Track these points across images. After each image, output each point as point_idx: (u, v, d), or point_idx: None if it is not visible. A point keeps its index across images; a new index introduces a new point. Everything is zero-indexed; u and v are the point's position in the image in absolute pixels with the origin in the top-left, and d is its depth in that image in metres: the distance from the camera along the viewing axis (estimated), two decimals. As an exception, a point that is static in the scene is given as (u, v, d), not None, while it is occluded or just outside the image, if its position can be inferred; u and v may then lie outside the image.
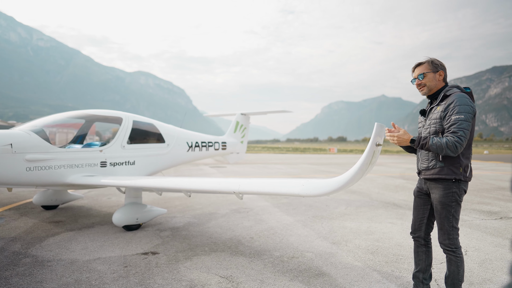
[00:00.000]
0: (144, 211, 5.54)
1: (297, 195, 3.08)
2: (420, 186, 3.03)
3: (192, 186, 4.08)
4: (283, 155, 39.72)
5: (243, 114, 10.15)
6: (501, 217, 6.61)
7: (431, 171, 2.83)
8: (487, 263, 4.07)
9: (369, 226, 5.84)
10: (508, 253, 4.45)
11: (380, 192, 9.72)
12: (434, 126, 2.81)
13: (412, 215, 3.14)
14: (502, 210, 7.32)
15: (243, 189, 3.46)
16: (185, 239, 4.96)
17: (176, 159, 7.36)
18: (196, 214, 6.68)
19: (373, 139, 3.10)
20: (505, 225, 5.95)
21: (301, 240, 4.95)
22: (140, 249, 4.49)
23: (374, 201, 8.25)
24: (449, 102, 2.72)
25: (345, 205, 7.75)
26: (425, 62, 2.94)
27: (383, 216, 6.61)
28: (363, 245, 4.75)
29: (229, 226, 5.73)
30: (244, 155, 10.17)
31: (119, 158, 5.97)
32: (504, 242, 4.92)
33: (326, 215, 6.68)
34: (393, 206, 7.63)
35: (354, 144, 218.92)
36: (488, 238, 5.14)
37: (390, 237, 5.13)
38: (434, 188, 2.84)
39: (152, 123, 6.82)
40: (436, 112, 2.83)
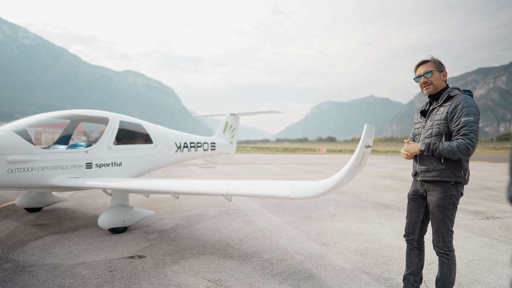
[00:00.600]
0: (131, 213, 5.43)
1: (286, 197, 3.03)
2: (415, 189, 2.99)
3: (180, 188, 4.00)
4: (273, 155, 39.74)
5: (233, 115, 10.08)
6: (488, 217, 6.69)
7: (431, 173, 2.77)
8: (475, 264, 4.09)
9: (358, 227, 5.84)
10: (495, 253, 4.49)
11: (369, 193, 9.77)
12: (437, 127, 2.74)
13: (405, 217, 3.12)
14: (488, 210, 7.41)
15: (232, 191, 3.40)
16: (172, 242, 4.87)
17: (164, 160, 7.25)
18: (185, 216, 6.59)
19: (362, 141, 3.08)
20: (491, 225, 6.02)
21: (290, 242, 4.91)
22: (126, 252, 4.39)
23: (363, 202, 8.28)
24: (456, 103, 2.66)
25: (334, 205, 7.75)
26: (430, 60, 2.86)
27: (372, 217, 6.62)
28: (352, 246, 4.74)
29: (218, 228, 5.66)
30: (233, 156, 10.10)
31: (105, 159, 5.84)
32: (491, 242, 4.96)
33: (315, 216, 6.66)
34: (382, 207, 7.66)
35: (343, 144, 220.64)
36: (475, 238, 5.19)
37: (379, 238, 5.13)
38: (432, 190, 2.79)
39: (139, 124, 6.70)
40: (439, 113, 2.75)
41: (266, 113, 10.10)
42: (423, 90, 2.90)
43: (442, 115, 2.72)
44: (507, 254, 4.43)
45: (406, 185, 11.75)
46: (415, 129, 3.05)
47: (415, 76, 2.95)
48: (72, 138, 7.03)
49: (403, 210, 7.30)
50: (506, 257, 4.32)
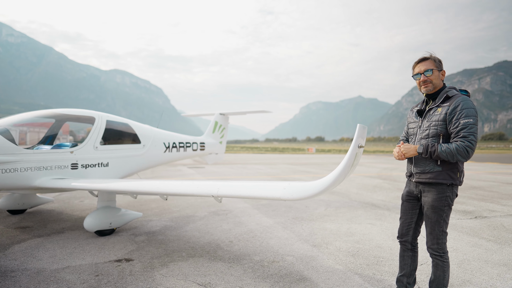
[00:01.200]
0: (118, 215, 5.30)
1: (278, 198, 2.97)
2: (410, 190, 2.95)
3: (169, 189, 3.90)
4: (262, 155, 39.71)
5: (222, 114, 9.98)
6: (476, 217, 6.75)
7: (427, 174, 2.72)
8: (465, 264, 4.10)
9: (349, 227, 5.82)
10: (485, 253, 4.51)
11: (358, 193, 9.79)
12: (434, 128, 2.68)
13: (399, 218, 3.08)
14: (476, 209, 7.49)
15: (222, 192, 3.32)
16: (161, 244, 4.76)
17: (153, 160, 7.11)
18: (173, 217, 6.47)
19: (355, 141, 3.03)
20: (480, 225, 6.07)
21: (281, 243, 4.86)
22: (113, 256, 4.27)
23: (353, 202, 8.28)
24: (455, 104, 2.60)
25: (324, 206, 7.72)
26: (430, 58, 2.78)
27: (362, 217, 6.61)
28: (343, 247, 4.71)
29: (208, 230, 5.57)
30: (223, 156, 10.00)
31: (91, 160, 5.69)
32: (480, 242, 4.99)
33: (306, 216, 6.62)
34: (371, 207, 7.67)
35: (332, 144, 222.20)
36: (464, 238, 5.21)
37: (370, 239, 5.11)
38: (427, 192, 2.75)
39: (127, 123, 6.55)
40: (437, 113, 2.69)
41: (256, 113, 10.03)
42: (421, 88, 2.81)
43: (440, 116, 2.66)
44: (497, 254, 4.46)
45: (395, 185, 11.83)
46: (410, 129, 2.97)
47: (413, 73, 2.86)
48: (58, 137, 6.84)
49: (393, 210, 7.33)
50: (495, 257, 4.34)
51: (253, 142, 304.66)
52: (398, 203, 8.10)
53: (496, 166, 22.54)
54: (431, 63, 2.76)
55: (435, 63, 2.77)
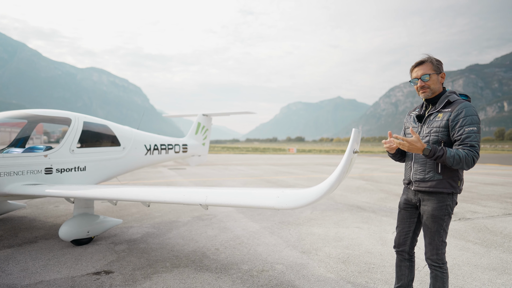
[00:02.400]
0: (96, 223, 5.00)
1: (271, 208, 2.80)
2: (408, 198, 2.82)
3: (152, 197, 3.66)
4: (243, 156, 39.50)
5: (205, 115, 9.73)
6: (460, 218, 6.80)
7: (427, 183, 2.61)
8: (456, 269, 4.05)
9: (337, 231, 5.72)
10: (473, 257, 4.49)
11: (343, 194, 9.75)
12: (435, 135, 2.57)
13: (395, 227, 2.97)
14: (459, 211, 7.56)
15: (211, 201, 3.12)
16: (143, 254, 4.50)
17: (133, 164, 6.80)
18: (155, 222, 6.20)
19: (350, 147, 2.90)
20: (465, 227, 6.10)
21: (269, 250, 4.69)
22: (91, 267, 3.98)
23: (339, 204, 8.22)
24: (458, 111, 2.49)
25: (310, 208, 7.62)
26: (427, 60, 2.63)
27: (349, 220, 6.54)
28: (333, 253, 4.59)
29: (192, 236, 5.34)
30: (206, 158, 9.76)
31: (67, 164, 5.35)
32: (467, 246, 4.99)
33: (292, 220, 6.49)
34: (357, 209, 7.62)
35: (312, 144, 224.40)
36: (452, 241, 5.20)
37: (359, 244, 5.02)
38: (427, 200, 2.63)
39: (105, 125, 6.23)
40: (438, 119, 2.57)
41: (240, 114, 9.83)
42: (420, 93, 2.68)
43: (442, 122, 2.55)
44: (485, 258, 4.45)
45: (377, 186, 11.90)
46: (407, 134, 2.84)
47: (411, 78, 2.73)
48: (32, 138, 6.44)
49: (379, 212, 7.30)
50: (484, 261, 4.33)
51: (234, 142, 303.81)
52: (383, 205, 8.10)
53: (472, 166, 23.18)
54: (429, 66, 2.63)
55: (433, 66, 2.63)
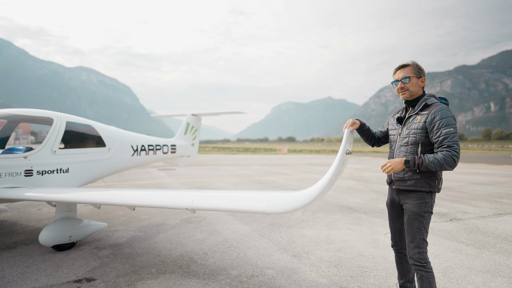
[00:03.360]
0: (79, 227, 4.80)
1: (261, 212, 2.66)
2: (392, 198, 2.94)
3: (137, 200, 3.49)
4: (234, 156, 39.32)
5: (194, 115, 9.55)
6: (451, 219, 6.76)
7: (406, 182, 2.72)
8: (450, 272, 3.97)
9: (329, 233, 5.61)
10: (466, 259, 4.42)
11: (334, 195, 9.67)
12: (414, 136, 2.69)
13: (389, 228, 3.04)
14: (450, 211, 7.54)
15: (197, 205, 2.96)
16: (128, 259, 4.32)
17: (119, 165, 6.59)
18: (142, 226, 6.01)
19: (343, 148, 2.79)
20: (456, 228, 6.06)
21: (259, 254, 4.55)
22: (72, 275, 3.79)
23: (330, 205, 8.13)
24: (434, 113, 2.61)
25: (301, 210, 7.51)
26: (409, 65, 2.78)
27: (340, 222, 6.44)
28: (325, 257, 4.47)
29: (180, 240, 5.17)
30: (195, 158, 9.57)
31: (48, 166, 5.12)
32: (460, 247, 4.92)
33: (283, 222, 6.36)
34: (349, 210, 7.53)
35: (303, 144, 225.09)
36: (444, 242, 5.14)
37: (351, 246, 4.92)
38: (407, 199, 2.74)
39: (90, 125, 6.01)
40: (416, 121, 2.70)
41: (230, 114, 9.67)
42: (399, 95, 2.82)
43: (419, 124, 2.67)
44: (478, 260, 4.38)
45: (368, 186, 11.86)
46: (390, 136, 2.97)
47: (393, 80, 2.87)
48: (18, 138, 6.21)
49: (370, 213, 7.22)
50: (477, 263, 4.26)
51: (225, 142, 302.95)
52: (374, 206, 8.03)
53: (461, 166, 23.40)
54: (410, 70, 2.77)
55: (414, 70, 2.77)
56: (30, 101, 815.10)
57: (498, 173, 18.30)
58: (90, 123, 6.07)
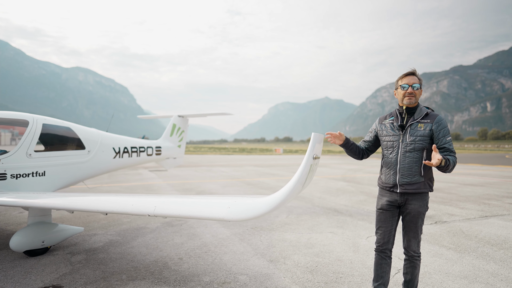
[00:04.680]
0: (53, 232, 4.70)
1: (221, 219, 2.58)
2: (391, 200, 3.00)
3: (99, 206, 3.39)
4: (229, 156, 39.23)
5: (181, 117, 9.45)
6: (436, 221, 6.70)
7: (413, 186, 2.89)
8: (427, 278, 3.90)
9: (310, 237, 5.53)
10: (445, 263, 4.36)
11: (322, 197, 9.61)
12: (420, 143, 2.85)
13: (377, 229, 3.11)
14: (436, 213, 7.48)
15: (159, 211, 2.88)
16: (100, 265, 4.22)
17: (100, 167, 6.49)
18: (122, 230, 5.91)
19: (309, 152, 2.71)
20: (440, 231, 6.00)
21: (236, 259, 4.47)
22: (39, 282, 3.69)
23: (316, 207, 8.05)
24: (437, 123, 2.85)
25: (286, 213, 7.43)
26: (416, 74, 2.93)
27: (324, 225, 6.36)
28: (302, 261, 4.39)
29: (157, 245, 5.08)
30: (181, 160, 9.48)
31: (23, 169, 5.01)
32: (441, 251, 4.86)
33: (266, 225, 6.28)
34: (334, 213, 7.46)
35: (300, 144, 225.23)
36: (426, 246, 5.07)
37: (330, 251, 4.84)
38: (412, 200, 2.91)
39: (68, 127, 5.90)
40: (420, 129, 2.87)
41: (217, 115, 9.58)
42: (405, 99, 2.91)
43: (425, 131, 2.86)
44: (457, 265, 4.32)
45: (358, 187, 11.81)
46: (386, 142, 3.05)
47: (400, 83, 2.97)
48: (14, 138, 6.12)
49: (355, 216, 7.16)
50: (456, 268, 4.20)
51: (222, 142, 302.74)
52: (360, 208, 7.97)
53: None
54: (418, 80, 2.93)
55: (419, 81, 2.94)
56: (27, 101, 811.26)
57: (491, 173, 18.31)
58: (69, 125, 5.97)
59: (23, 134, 5.20)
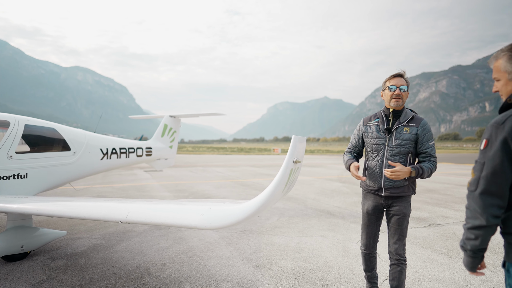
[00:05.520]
0: (33, 236, 4.56)
1: (194, 227, 2.45)
2: (376, 203, 3.01)
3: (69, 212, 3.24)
4: (227, 156, 39.10)
5: (172, 117, 9.31)
6: (429, 224, 6.58)
7: (398, 189, 2.89)
8: (416, 285, 3.77)
9: (299, 241, 5.40)
10: (436, 269, 4.23)
11: (316, 198, 9.48)
12: (406, 147, 2.84)
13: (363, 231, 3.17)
14: (431, 216, 7.36)
15: (132, 218, 2.74)
16: (80, 271, 4.08)
17: (86, 169, 6.34)
18: (108, 233, 5.78)
19: (289, 156, 2.58)
20: (433, 234, 5.87)
21: (221, 264, 4.33)
22: (13, 289, 3.56)
23: (309, 209, 7.92)
24: (422, 127, 2.85)
25: (278, 215, 7.30)
26: (404, 76, 2.89)
27: (315, 228, 6.23)
28: (289, 267, 4.26)
29: (141, 249, 4.94)
30: (173, 161, 9.34)
31: (4, 171, 4.86)
32: (432, 256, 4.73)
33: (255, 228, 6.15)
34: (326, 215, 7.33)
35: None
36: (417, 251, 4.95)
37: (318, 256, 4.71)
38: (397, 202, 2.92)
39: (52, 128, 5.76)
40: (406, 133, 2.85)
41: (210, 115, 9.45)
42: (392, 101, 2.86)
43: (411, 135, 2.84)
44: (448, 271, 4.19)
45: (353, 188, 11.68)
46: (371, 144, 2.99)
47: (387, 84, 2.91)
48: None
49: (348, 218, 7.03)
50: (447, 274, 4.07)
51: (221, 142, 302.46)
52: (354, 210, 7.84)
53: (451, 167, 23.32)
54: (405, 82, 2.89)
55: (407, 84, 2.91)
56: (26, 101, 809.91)
57: (488, 174, 18.19)
58: (53, 126, 5.83)
59: (4, 135, 5.06)
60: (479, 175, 1.58)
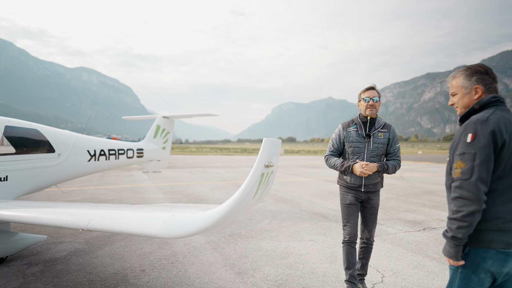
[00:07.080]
0: (10, 241, 4.41)
1: (154, 236, 2.29)
2: (357, 196, 3.42)
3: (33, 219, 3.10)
4: (229, 157, 38.98)
5: (166, 118, 9.18)
6: (424, 228, 6.38)
7: (374, 185, 3.40)
8: (403, 294, 3.59)
9: (287, 246, 5.23)
10: (426, 277, 4.04)
11: (311, 201, 9.29)
12: (381, 149, 3.36)
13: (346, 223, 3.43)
14: (427, 219, 7.15)
15: (93, 225, 2.59)
16: (54, 278, 3.94)
17: (72, 171, 6.20)
18: (92, 237, 5.64)
19: (260, 159, 2.42)
20: (426, 238, 5.68)
21: (202, 271, 4.18)
22: (-18, 298, 3.43)
23: (302, 212, 7.74)
24: (392, 132, 3.41)
25: (270, 218, 7.13)
26: (375, 89, 3.36)
27: (306, 232, 6.06)
28: (272, 274, 4.09)
29: (123, 254, 4.79)
30: (166, 163, 9.20)
31: (-18, 174, 4.76)
32: (423, 262, 4.54)
33: (244, 232, 5.98)
34: (319, 218, 7.15)
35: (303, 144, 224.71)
36: (408, 256, 4.76)
37: (305, 261, 4.53)
38: (373, 196, 3.43)
39: (36, 129, 5.63)
40: (381, 138, 3.35)
41: (203, 116, 9.30)
42: (367, 110, 3.32)
43: (384, 139, 3.36)
44: (438, 278, 4.00)
45: (351, 190, 11.47)
46: (352, 148, 3.38)
47: (362, 96, 3.38)
48: None
49: (341, 221, 6.83)
50: (436, 282, 3.88)
51: (225, 142, 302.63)
52: (348, 213, 7.65)
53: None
54: (377, 94, 3.38)
55: (379, 95, 3.41)
56: (31, 101, 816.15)
57: (491, 175, 17.89)
58: (37, 127, 5.70)
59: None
60: (472, 164, 1.70)
